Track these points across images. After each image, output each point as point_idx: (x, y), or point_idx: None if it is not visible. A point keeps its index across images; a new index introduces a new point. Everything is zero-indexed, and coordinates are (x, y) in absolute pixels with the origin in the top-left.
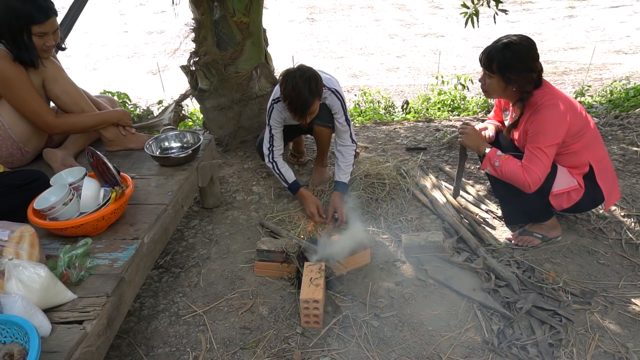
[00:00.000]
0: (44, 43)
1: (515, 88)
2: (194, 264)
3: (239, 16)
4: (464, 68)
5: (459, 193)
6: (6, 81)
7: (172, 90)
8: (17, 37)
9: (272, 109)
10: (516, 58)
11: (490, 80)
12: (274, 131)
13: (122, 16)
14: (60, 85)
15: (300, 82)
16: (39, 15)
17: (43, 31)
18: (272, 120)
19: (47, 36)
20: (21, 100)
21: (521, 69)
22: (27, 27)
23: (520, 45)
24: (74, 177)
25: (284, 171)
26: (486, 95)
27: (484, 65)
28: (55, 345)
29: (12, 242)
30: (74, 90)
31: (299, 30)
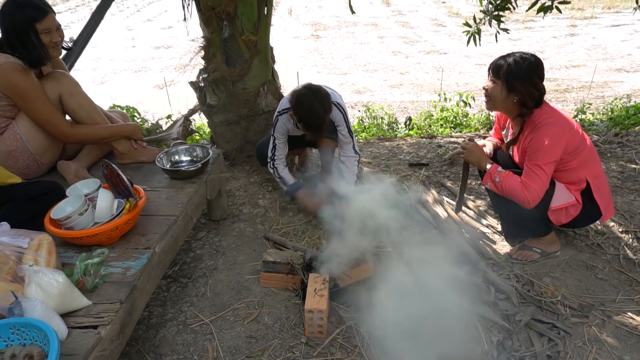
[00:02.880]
0: (50, 40)
1: (516, 99)
2: (201, 275)
3: (248, 35)
4: (466, 85)
5: (461, 208)
6: (22, 93)
7: (178, 105)
8: (26, 40)
9: (277, 121)
10: (524, 69)
11: (494, 86)
12: (277, 141)
13: (130, 31)
14: (76, 100)
15: (315, 103)
16: (38, 14)
17: (46, 27)
18: (276, 132)
19: (52, 32)
20: (37, 111)
21: (526, 81)
22: (32, 27)
23: (530, 60)
24: (89, 189)
25: (283, 175)
26: (487, 105)
27: (491, 72)
28: (72, 348)
29: (31, 250)
30: (89, 104)
31: (304, 46)
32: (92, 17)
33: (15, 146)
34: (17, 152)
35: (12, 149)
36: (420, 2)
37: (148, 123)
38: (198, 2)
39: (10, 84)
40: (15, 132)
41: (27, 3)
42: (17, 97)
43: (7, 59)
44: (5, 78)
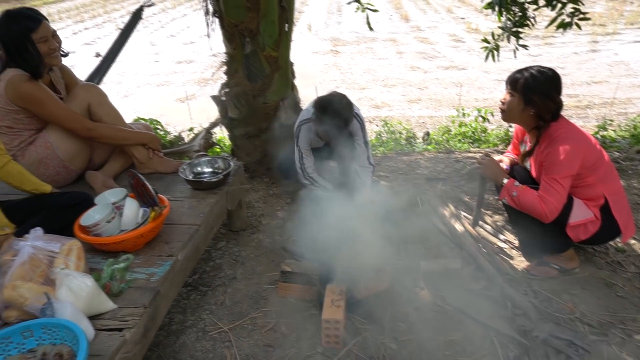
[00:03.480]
0: (48, 47)
1: (533, 112)
2: (220, 284)
3: (269, 51)
4: (485, 101)
5: (478, 223)
6: (36, 100)
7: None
8: (23, 51)
9: (299, 130)
10: (541, 82)
11: (511, 99)
12: (303, 150)
13: (154, 46)
14: (103, 109)
15: (341, 109)
16: (32, 23)
17: (42, 36)
18: (300, 142)
19: (48, 40)
20: (54, 113)
21: (543, 94)
22: (28, 37)
23: (547, 74)
24: (116, 197)
25: (322, 182)
26: (503, 117)
27: (509, 84)
28: (98, 349)
29: (62, 254)
30: (115, 114)
31: (323, 61)
32: (121, 35)
33: (46, 153)
34: (47, 159)
35: (43, 157)
36: (439, 18)
37: (170, 135)
38: (221, 19)
39: (23, 94)
40: (46, 140)
41: (19, 14)
42: (33, 106)
43: (15, 72)
44: (17, 90)
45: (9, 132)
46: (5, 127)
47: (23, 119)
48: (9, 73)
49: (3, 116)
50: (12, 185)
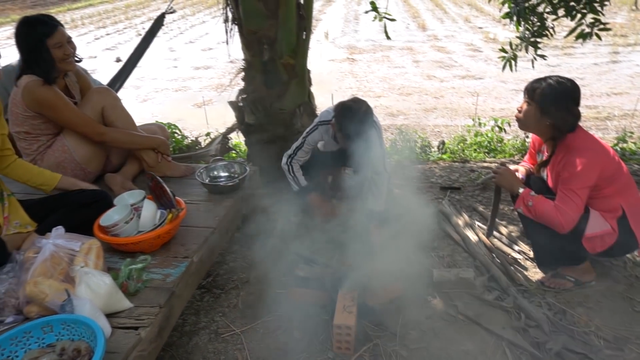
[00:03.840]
0: (63, 52)
1: (549, 122)
2: (233, 287)
3: (286, 58)
4: (502, 111)
5: (492, 233)
6: (51, 105)
7: (214, 123)
8: (39, 56)
9: (314, 129)
10: (559, 93)
11: (527, 108)
12: (305, 145)
13: (173, 52)
14: (116, 112)
15: (359, 112)
16: (48, 30)
17: (57, 42)
18: (309, 137)
19: (63, 46)
20: (68, 118)
21: (560, 104)
22: (44, 43)
23: (565, 84)
24: (135, 199)
25: (298, 175)
26: (520, 125)
27: (526, 92)
28: (114, 347)
29: (82, 253)
30: (127, 118)
31: (339, 69)
32: (143, 40)
33: (63, 157)
34: (65, 162)
35: (61, 160)
36: (456, 27)
37: (187, 139)
38: (241, 27)
39: (38, 99)
40: (63, 144)
41: (36, 21)
42: (47, 110)
43: (30, 78)
44: (32, 96)
45: (27, 137)
46: (24, 133)
47: (40, 124)
48: (24, 80)
49: (21, 122)
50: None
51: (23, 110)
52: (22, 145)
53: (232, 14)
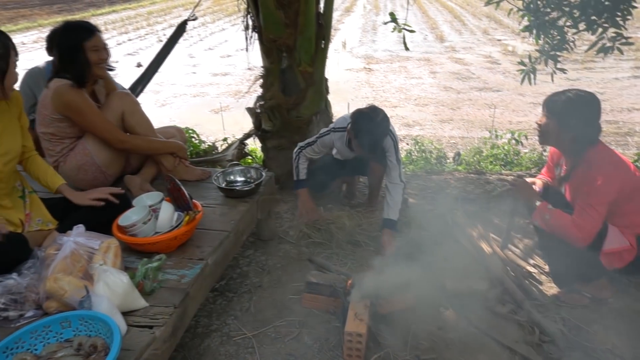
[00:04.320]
0: (98, 57)
1: (570, 136)
2: (246, 291)
3: (305, 66)
4: (519, 124)
5: (507, 245)
6: (78, 109)
7: (231, 129)
8: (75, 57)
9: (327, 134)
10: (580, 107)
11: (548, 122)
12: (315, 146)
13: (192, 58)
14: (135, 118)
15: (376, 121)
16: (87, 33)
17: (95, 45)
18: (320, 141)
19: (100, 51)
20: (93, 123)
21: (581, 118)
22: (81, 46)
23: (586, 98)
24: (153, 201)
25: (301, 167)
26: (540, 140)
27: (546, 107)
28: (129, 344)
29: (100, 251)
30: (146, 123)
31: (356, 78)
32: (165, 46)
33: (85, 160)
34: (86, 165)
35: (82, 163)
36: (474, 39)
37: (205, 144)
38: (260, 34)
39: (67, 103)
40: (85, 148)
41: (78, 25)
42: (74, 114)
43: (60, 82)
44: (61, 99)
45: (52, 139)
46: (49, 134)
47: (65, 127)
48: (55, 83)
49: (48, 124)
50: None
51: (51, 112)
52: (46, 146)
53: (253, 22)
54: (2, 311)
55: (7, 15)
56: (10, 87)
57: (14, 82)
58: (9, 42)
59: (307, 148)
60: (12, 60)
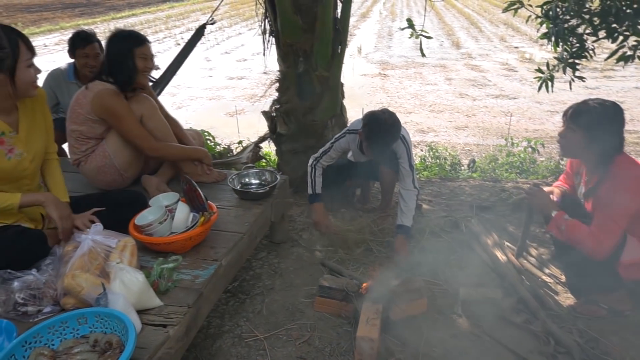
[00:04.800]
0: (145, 65)
1: (596, 147)
2: (258, 293)
3: (321, 71)
4: (535, 132)
5: (522, 254)
6: (117, 114)
7: (246, 132)
8: (124, 63)
9: (343, 137)
10: (605, 117)
11: (572, 135)
12: (332, 151)
13: (209, 62)
14: (153, 122)
15: (386, 123)
16: (138, 41)
17: (143, 53)
18: (336, 144)
19: (147, 59)
20: (128, 129)
21: (608, 129)
22: (132, 52)
23: (609, 107)
24: (169, 201)
25: (317, 180)
26: (563, 152)
27: (569, 118)
28: (143, 342)
29: (117, 250)
30: (164, 126)
31: (371, 84)
32: (183, 49)
33: (104, 162)
34: (105, 167)
35: (102, 165)
36: (491, 46)
37: (220, 147)
38: (277, 39)
39: (107, 107)
40: (104, 150)
41: (131, 33)
42: (111, 118)
43: (103, 85)
44: (102, 102)
45: (79, 138)
46: (78, 132)
47: (96, 128)
48: (97, 86)
49: (81, 122)
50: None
51: (87, 111)
52: (72, 144)
53: (270, 26)
54: (22, 306)
55: (30, 18)
56: (22, 87)
57: (28, 82)
58: (19, 39)
59: (322, 157)
60: (23, 59)
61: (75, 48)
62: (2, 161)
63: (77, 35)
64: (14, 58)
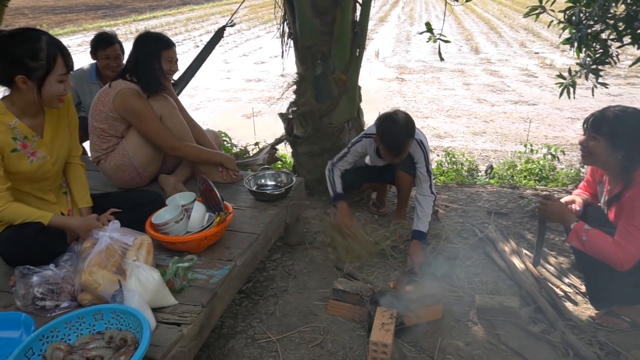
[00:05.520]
0: (170, 68)
1: (621, 155)
2: (272, 294)
3: (339, 74)
4: (555, 139)
5: (539, 262)
6: (139, 113)
7: (262, 134)
8: (150, 64)
9: (359, 140)
10: (629, 125)
11: (595, 143)
12: (349, 155)
13: (227, 64)
14: (172, 122)
15: (399, 123)
16: (166, 44)
17: (169, 56)
18: (354, 148)
19: (172, 62)
20: (150, 129)
21: (633, 137)
22: (158, 54)
23: (633, 113)
24: (186, 200)
25: (337, 181)
26: (584, 161)
27: (591, 127)
28: (157, 340)
29: (134, 247)
30: (182, 126)
31: (388, 88)
32: (203, 51)
33: (123, 161)
34: (124, 166)
35: (121, 163)
36: (511, 51)
37: (236, 148)
38: (296, 41)
39: (129, 106)
40: (124, 149)
41: (158, 36)
42: (133, 118)
43: (127, 84)
44: (125, 101)
45: (101, 135)
46: (100, 129)
47: (117, 126)
48: (120, 84)
49: (103, 119)
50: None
51: (109, 109)
52: (94, 141)
53: (289, 29)
54: (40, 300)
55: (55, 20)
56: (47, 98)
57: (54, 96)
58: (59, 54)
59: (339, 162)
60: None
61: (97, 49)
62: (24, 164)
63: (99, 37)
64: (47, 70)
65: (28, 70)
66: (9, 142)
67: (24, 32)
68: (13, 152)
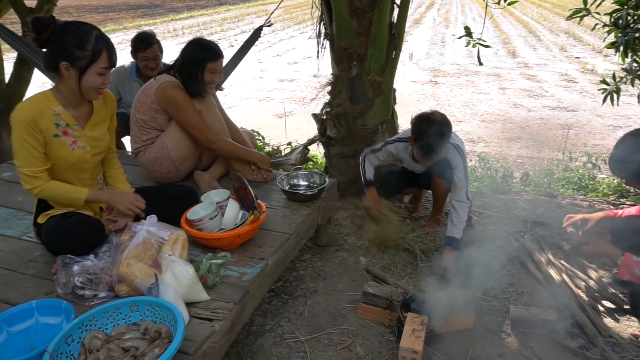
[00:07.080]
0: (212, 79)
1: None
2: (301, 294)
3: (374, 75)
4: (595, 147)
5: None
6: (179, 105)
7: (293, 134)
8: (194, 72)
9: (392, 142)
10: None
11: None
12: (379, 153)
13: (260, 64)
14: (211, 118)
15: (435, 123)
16: (213, 55)
17: (214, 68)
18: (385, 148)
19: (216, 74)
20: (188, 120)
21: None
22: (204, 64)
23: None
24: (220, 198)
25: (368, 168)
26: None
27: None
28: (190, 335)
29: (169, 242)
30: (219, 123)
31: (421, 91)
32: (240, 50)
33: (162, 154)
34: (162, 159)
35: (159, 156)
36: (550, 55)
37: (269, 147)
38: (332, 42)
39: (170, 98)
40: (163, 142)
41: (207, 45)
42: (173, 109)
43: (169, 78)
44: (165, 93)
45: (142, 127)
46: (141, 120)
47: (158, 118)
48: (164, 77)
49: (145, 111)
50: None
51: (151, 101)
52: (135, 132)
53: (325, 30)
54: (80, 289)
55: (97, 18)
56: (86, 88)
57: (92, 87)
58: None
59: (370, 155)
60: (98, 66)
61: (137, 51)
62: (67, 151)
63: (138, 38)
64: (90, 61)
65: (72, 58)
66: (51, 128)
67: (78, 24)
68: (55, 137)
